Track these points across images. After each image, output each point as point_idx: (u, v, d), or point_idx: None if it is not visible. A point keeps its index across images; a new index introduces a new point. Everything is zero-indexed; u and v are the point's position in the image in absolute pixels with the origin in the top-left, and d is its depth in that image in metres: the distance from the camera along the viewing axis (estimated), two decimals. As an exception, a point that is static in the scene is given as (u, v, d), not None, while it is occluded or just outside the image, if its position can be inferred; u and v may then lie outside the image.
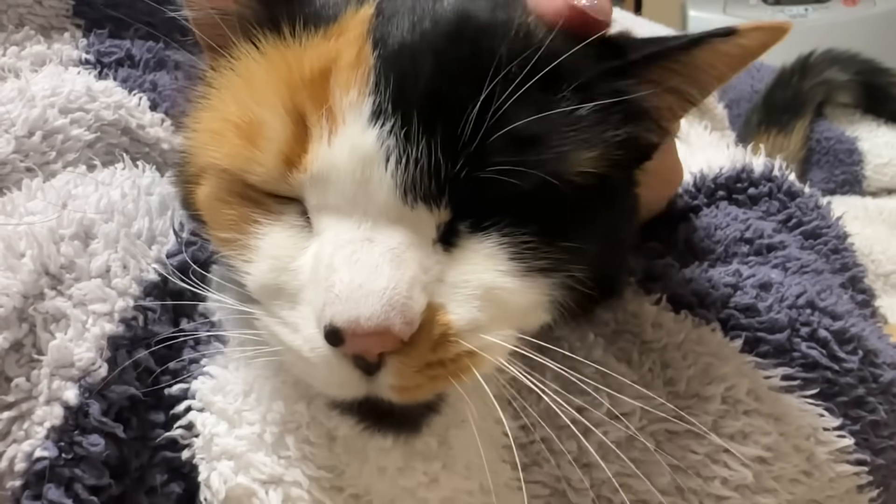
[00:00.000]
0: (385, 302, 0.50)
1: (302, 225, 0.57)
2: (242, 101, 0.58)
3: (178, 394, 0.61)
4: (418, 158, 0.53)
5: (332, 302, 0.51)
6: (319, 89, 0.55)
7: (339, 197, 0.54)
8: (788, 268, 0.73)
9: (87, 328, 0.60)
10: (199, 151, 0.61)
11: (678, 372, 0.64)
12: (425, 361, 0.53)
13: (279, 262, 0.56)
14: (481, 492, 0.60)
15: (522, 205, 0.55)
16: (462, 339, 0.54)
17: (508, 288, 0.56)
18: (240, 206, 0.59)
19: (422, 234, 0.54)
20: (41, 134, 0.72)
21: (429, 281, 0.53)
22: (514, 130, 0.53)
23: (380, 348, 0.52)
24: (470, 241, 0.56)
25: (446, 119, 0.53)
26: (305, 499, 0.58)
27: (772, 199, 0.82)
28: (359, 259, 0.52)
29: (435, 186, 0.53)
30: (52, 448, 0.57)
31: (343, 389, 0.56)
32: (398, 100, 0.54)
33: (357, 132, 0.54)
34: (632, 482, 0.61)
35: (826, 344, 0.66)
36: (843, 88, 1.61)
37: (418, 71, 0.54)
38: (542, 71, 0.55)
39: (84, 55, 0.87)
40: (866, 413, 0.65)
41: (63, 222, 0.63)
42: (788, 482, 0.62)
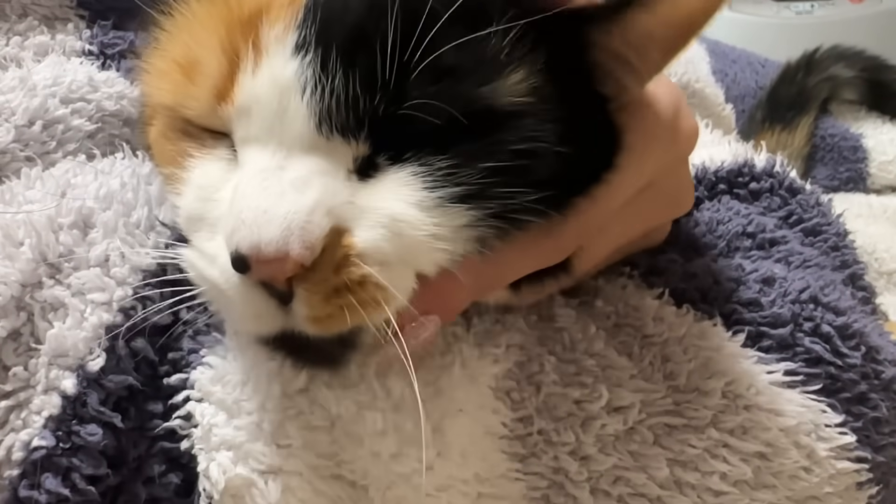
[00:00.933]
0: (286, 227, 0.50)
1: (230, 158, 0.58)
2: (185, 41, 0.59)
3: (176, 384, 0.61)
4: (333, 90, 0.53)
5: (238, 228, 0.51)
6: (252, 26, 0.56)
7: (259, 127, 0.55)
8: (791, 262, 0.73)
9: (86, 317, 0.60)
10: (150, 91, 0.63)
11: (679, 366, 0.64)
12: (331, 286, 0.53)
13: (204, 192, 0.57)
14: (476, 481, 0.60)
15: (442, 134, 0.55)
16: (364, 262, 0.53)
17: (417, 218, 0.55)
18: (179, 140, 0.60)
19: (336, 164, 0.54)
20: (41, 123, 0.72)
21: (336, 206, 0.53)
22: (434, 66, 0.53)
23: (281, 273, 0.52)
24: (387, 172, 0.56)
25: (366, 54, 0.53)
26: (305, 488, 0.58)
27: (773, 194, 0.82)
28: (267, 186, 0.52)
29: (353, 120, 0.53)
30: (50, 437, 0.57)
31: (260, 323, 0.56)
32: (322, 34, 0.54)
33: (279, 64, 0.54)
34: (630, 475, 0.61)
35: (829, 339, 0.66)
36: (848, 85, 1.60)
37: (345, 6, 0.55)
38: (468, 8, 0.54)
39: (87, 46, 0.87)
40: (868, 410, 0.65)
41: (62, 211, 0.63)
42: (788, 478, 0.62)
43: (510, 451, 0.60)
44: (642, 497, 0.61)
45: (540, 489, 0.61)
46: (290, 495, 0.58)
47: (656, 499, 0.61)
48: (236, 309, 0.56)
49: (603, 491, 0.61)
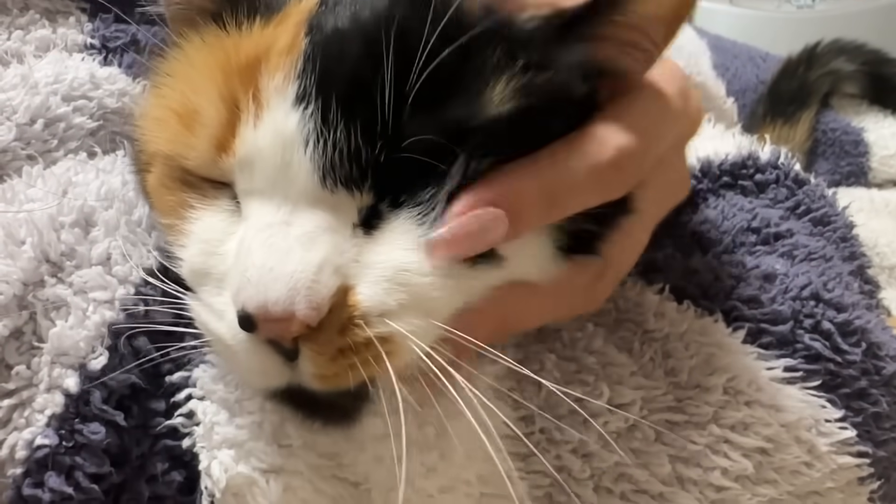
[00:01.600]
0: (292, 286, 0.50)
1: (233, 210, 0.57)
2: (182, 88, 0.59)
3: (178, 382, 0.61)
4: (336, 142, 0.53)
5: (244, 287, 0.51)
6: (250, 75, 0.56)
7: (263, 180, 0.54)
8: (795, 255, 0.72)
9: (88, 316, 0.60)
10: (147, 138, 0.62)
11: (680, 362, 0.64)
12: (336, 347, 0.53)
13: (208, 247, 0.57)
14: (479, 482, 0.60)
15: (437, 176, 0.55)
16: (368, 323, 0.53)
17: (417, 266, 0.55)
18: (179, 191, 0.59)
19: (341, 217, 0.54)
20: (43, 122, 0.72)
21: (343, 263, 0.53)
22: (426, 102, 0.53)
23: (288, 333, 0.52)
24: (389, 220, 0.55)
25: (365, 103, 0.53)
26: (306, 488, 0.58)
27: (779, 185, 0.82)
28: (273, 243, 0.52)
29: (357, 171, 0.53)
30: (53, 436, 0.57)
31: (266, 378, 0.56)
32: (322, 84, 0.54)
33: (280, 116, 0.54)
34: (632, 472, 0.61)
35: (829, 336, 0.66)
36: (849, 79, 1.60)
37: (344, 55, 0.55)
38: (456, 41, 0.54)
39: (89, 40, 0.87)
40: (868, 405, 0.65)
41: (63, 210, 0.63)
42: (789, 473, 0.62)
43: (512, 451, 0.60)
44: (645, 494, 0.61)
45: (542, 487, 0.61)
46: (291, 494, 0.58)
47: (658, 495, 0.61)
48: (243, 364, 0.56)
49: (605, 488, 0.61)
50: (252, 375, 0.57)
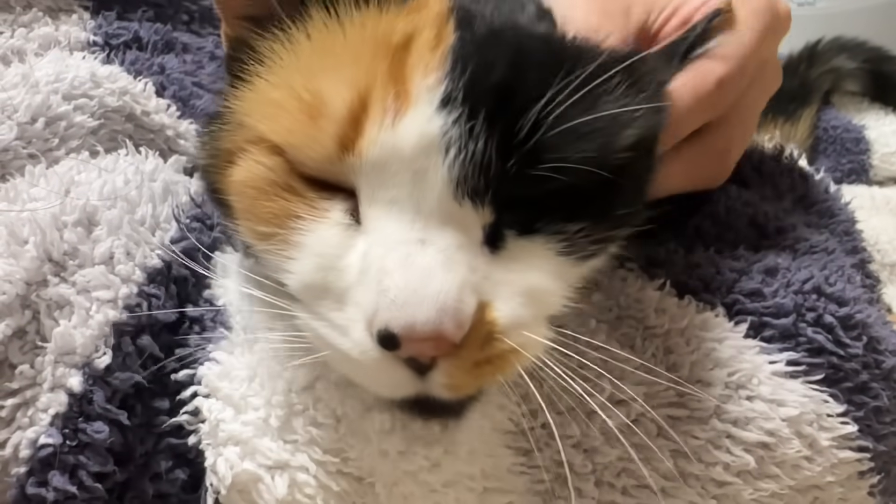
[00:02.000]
0: (440, 307, 0.50)
1: (348, 223, 0.55)
2: (311, 72, 0.56)
3: (184, 379, 0.62)
4: (474, 153, 0.52)
5: (387, 307, 0.50)
6: (395, 66, 0.54)
7: (396, 189, 0.53)
8: (798, 249, 0.72)
9: (91, 315, 0.60)
10: (249, 122, 0.59)
11: (681, 357, 0.64)
12: (475, 360, 0.53)
13: (325, 261, 0.55)
14: (483, 476, 0.60)
15: (563, 200, 0.55)
16: (506, 336, 0.53)
17: (552, 288, 0.56)
18: (280, 198, 0.57)
19: (470, 235, 0.54)
20: (44, 120, 0.72)
21: (478, 282, 0.53)
22: (568, 128, 0.52)
23: (434, 352, 0.52)
24: (518, 243, 0.55)
25: (508, 114, 0.52)
26: (311, 483, 0.58)
27: (783, 178, 0.82)
28: (412, 262, 0.51)
29: (483, 182, 0.53)
30: (57, 435, 0.57)
31: (395, 390, 0.55)
32: (469, 89, 0.53)
33: (425, 118, 0.53)
34: (634, 467, 0.61)
35: (831, 329, 0.66)
36: (850, 76, 1.60)
37: (494, 63, 0.54)
38: (600, 76, 0.54)
39: (92, 37, 0.88)
40: (870, 399, 0.65)
41: (66, 209, 0.63)
42: (790, 467, 0.62)
43: (515, 446, 0.61)
44: (646, 489, 0.61)
45: (545, 482, 0.61)
46: (296, 490, 0.58)
47: (660, 490, 0.61)
48: (371, 378, 0.56)
49: (607, 483, 0.61)
50: (380, 388, 0.56)
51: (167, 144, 0.81)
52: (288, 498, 0.58)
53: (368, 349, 0.53)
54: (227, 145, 0.61)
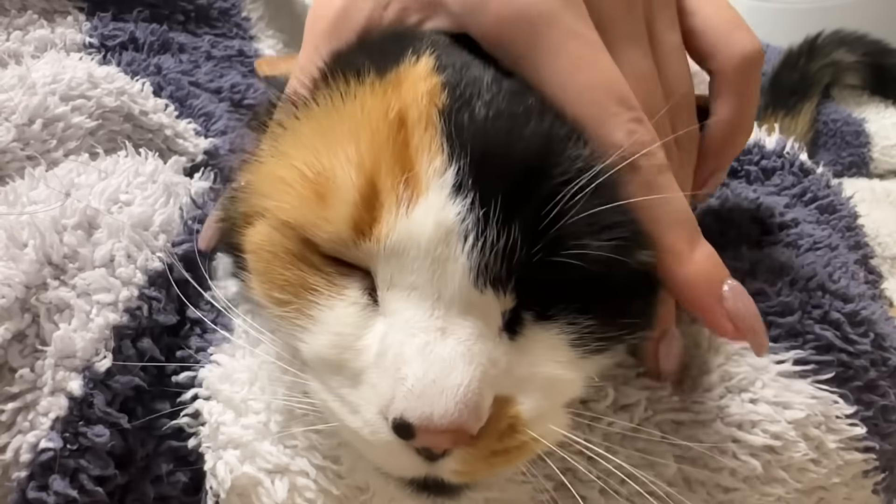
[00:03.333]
0: (459, 400, 0.49)
1: (365, 302, 0.54)
2: (314, 151, 0.55)
3: (184, 382, 0.62)
4: (495, 240, 0.51)
5: (405, 397, 0.50)
6: (397, 149, 0.53)
7: (415, 276, 0.52)
8: (801, 245, 0.72)
9: (92, 318, 0.60)
10: (258, 195, 0.58)
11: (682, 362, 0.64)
12: (491, 451, 0.52)
13: (342, 340, 0.54)
14: (483, 486, 0.59)
15: (582, 290, 0.54)
16: (528, 427, 0.53)
17: (571, 378, 0.56)
18: (297, 268, 0.56)
19: (490, 323, 0.52)
20: (42, 122, 0.72)
21: (498, 374, 0.52)
22: (593, 214, 0.51)
23: (450, 445, 0.51)
24: (534, 330, 0.54)
25: (529, 201, 0.51)
26: (311, 488, 0.58)
27: (785, 173, 0.82)
28: (432, 352, 0.50)
29: (505, 270, 0.52)
30: (58, 439, 0.57)
31: (403, 472, 0.55)
32: (481, 173, 0.51)
33: (440, 204, 0.51)
34: (638, 474, 0.61)
35: (839, 326, 0.66)
36: (850, 70, 1.60)
37: (503, 144, 0.53)
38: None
39: (88, 39, 0.87)
40: (878, 397, 0.65)
41: (66, 212, 0.63)
42: (797, 471, 0.62)
43: None
44: (651, 495, 0.61)
45: (547, 491, 0.61)
46: (296, 494, 0.58)
47: (665, 497, 0.61)
48: (379, 457, 0.55)
49: (611, 490, 0.60)
50: (387, 467, 0.56)
51: (166, 144, 0.81)
52: (288, 502, 0.58)
53: (380, 431, 0.52)
54: (244, 209, 0.60)
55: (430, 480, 0.54)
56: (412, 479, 0.55)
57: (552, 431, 0.55)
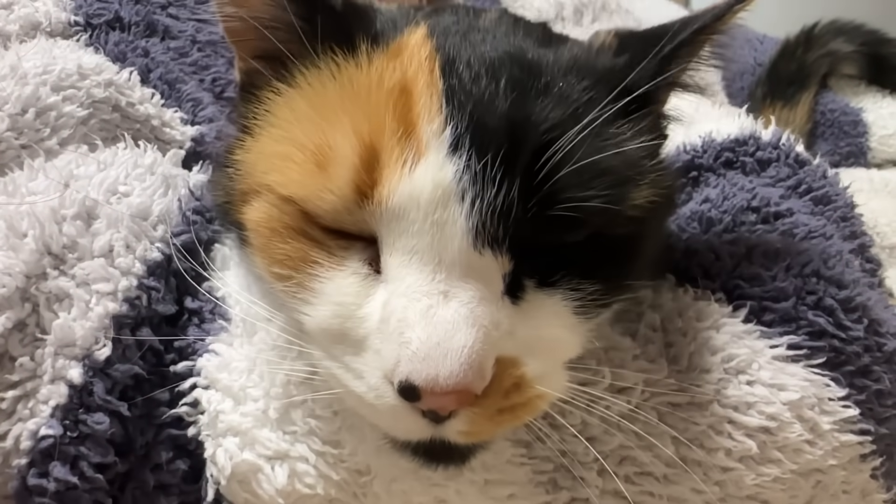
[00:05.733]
0: (463, 361, 0.50)
1: (366, 272, 0.55)
2: (312, 123, 0.56)
3: (183, 371, 0.62)
4: (492, 198, 0.52)
5: (409, 359, 0.50)
6: (399, 112, 0.54)
7: (416, 239, 0.53)
8: (796, 234, 0.72)
9: (91, 307, 0.60)
10: (256, 172, 0.59)
11: (679, 349, 0.64)
12: (497, 408, 0.53)
13: (344, 309, 0.55)
14: (483, 468, 0.60)
15: (581, 254, 0.55)
16: (530, 386, 0.54)
17: (573, 339, 0.57)
18: (297, 242, 0.57)
19: (491, 286, 0.53)
20: (34, 111, 0.72)
21: (500, 336, 0.53)
22: (583, 166, 0.52)
23: (456, 406, 0.52)
24: (538, 296, 0.55)
25: (522, 155, 0.52)
26: (311, 473, 0.59)
27: (781, 164, 0.81)
28: (435, 315, 0.51)
29: (502, 230, 0.52)
30: (58, 426, 0.57)
31: (409, 433, 0.55)
32: (475, 132, 0.52)
33: (438, 164, 0.52)
34: (635, 455, 0.61)
35: (832, 312, 0.66)
36: (847, 59, 1.59)
37: (493, 103, 0.53)
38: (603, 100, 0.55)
39: (73, 17, 0.87)
40: (871, 382, 0.65)
41: (65, 202, 0.63)
42: (792, 452, 0.62)
43: (514, 438, 0.61)
44: (649, 475, 0.61)
45: (546, 473, 0.61)
46: (296, 480, 0.59)
47: (663, 477, 0.62)
48: (385, 421, 0.56)
49: (610, 471, 0.61)
50: (394, 430, 0.56)
51: (153, 133, 0.81)
52: (288, 488, 0.58)
53: (385, 395, 0.53)
54: (241, 186, 0.61)
55: (436, 443, 0.55)
56: (418, 443, 0.56)
57: (556, 385, 0.56)
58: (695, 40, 0.60)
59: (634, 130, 0.57)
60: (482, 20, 0.63)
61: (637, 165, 0.56)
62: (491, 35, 0.59)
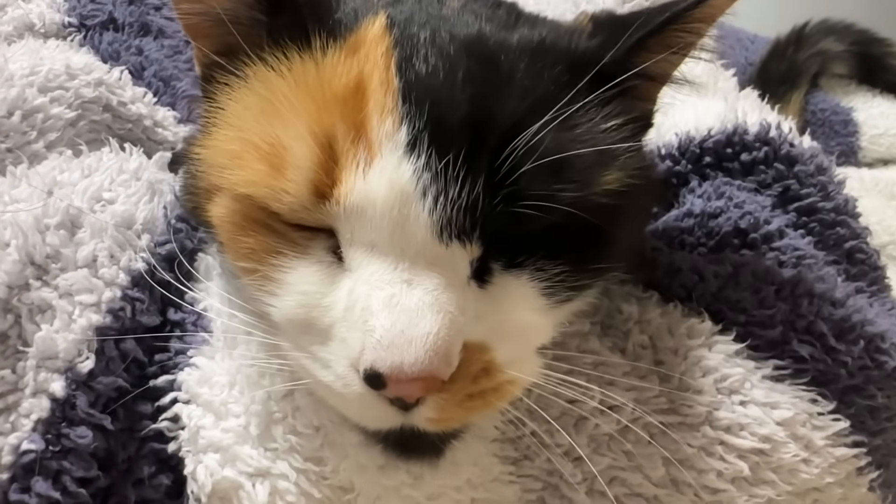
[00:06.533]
0: (428, 348, 0.50)
1: (330, 260, 0.55)
2: (264, 121, 0.55)
3: (163, 385, 0.61)
4: (456, 195, 0.51)
5: (374, 347, 0.50)
6: (350, 113, 0.53)
7: (376, 233, 0.52)
8: (783, 262, 0.70)
9: (74, 319, 0.59)
10: (213, 170, 0.58)
11: (670, 368, 0.64)
12: (466, 393, 0.53)
13: (309, 299, 0.55)
14: (469, 486, 0.59)
15: (550, 236, 0.54)
16: (499, 371, 0.54)
17: (542, 324, 0.57)
18: (261, 235, 0.56)
19: (457, 273, 0.53)
20: (21, 114, 0.71)
21: (466, 321, 0.52)
22: (548, 162, 0.52)
23: (423, 392, 0.52)
24: (504, 278, 0.55)
25: (484, 152, 0.52)
26: (293, 491, 0.58)
27: (768, 167, 0.78)
28: (398, 303, 0.51)
29: (469, 222, 0.52)
30: (40, 441, 0.57)
31: (378, 423, 0.55)
32: (434, 131, 0.52)
33: (393, 165, 0.52)
34: (625, 475, 0.61)
35: (821, 337, 0.65)
36: (838, 59, 1.60)
37: (455, 97, 0.53)
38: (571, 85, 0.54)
39: (67, 18, 0.87)
40: (862, 399, 0.65)
41: (49, 211, 0.62)
42: (787, 472, 0.62)
43: (502, 455, 0.60)
44: (639, 497, 0.61)
45: (535, 491, 0.61)
46: (277, 498, 0.58)
47: (653, 498, 0.61)
48: (353, 410, 0.55)
49: (599, 492, 0.60)
50: (362, 419, 0.56)
51: (145, 133, 0.81)
52: None
53: (352, 383, 0.52)
54: (203, 184, 0.60)
55: (406, 432, 0.55)
56: (389, 434, 0.56)
57: (527, 370, 0.55)
58: (665, 30, 0.59)
59: (604, 115, 0.56)
60: (445, 7, 0.61)
61: (607, 150, 0.56)
62: (452, 23, 0.58)
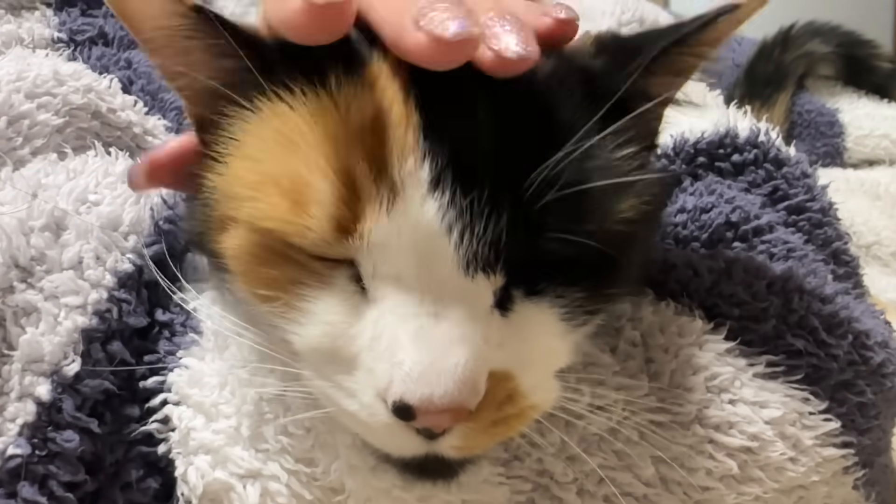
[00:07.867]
0: (457, 380, 0.50)
1: (353, 290, 0.54)
2: (283, 154, 0.54)
3: (153, 387, 0.61)
4: (482, 231, 0.51)
5: (403, 380, 0.50)
6: (370, 149, 0.52)
7: (401, 269, 0.52)
8: (774, 254, 0.71)
9: (60, 322, 0.59)
10: (229, 201, 0.57)
11: (661, 366, 0.64)
12: (491, 420, 0.53)
13: (334, 329, 0.54)
14: (459, 488, 0.59)
15: (568, 263, 0.54)
16: (527, 394, 0.54)
17: (562, 348, 0.57)
18: (281, 266, 0.55)
19: (482, 303, 0.53)
20: (6, 119, 0.70)
21: (491, 350, 0.52)
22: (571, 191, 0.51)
23: (451, 423, 0.52)
24: (525, 305, 0.55)
25: (508, 185, 0.51)
26: (284, 493, 0.58)
27: (758, 167, 0.79)
28: (426, 335, 0.51)
29: (493, 255, 0.52)
30: (25, 445, 0.56)
31: (403, 451, 0.55)
32: (457, 167, 0.51)
33: (417, 203, 0.51)
34: (615, 475, 0.60)
35: (813, 331, 0.65)
36: (824, 61, 1.61)
37: (473, 133, 0.52)
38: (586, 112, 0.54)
39: (56, 34, 0.86)
40: (853, 396, 0.65)
41: (33, 213, 0.62)
42: (774, 470, 0.62)
43: (492, 456, 0.60)
44: (629, 496, 0.61)
45: (525, 493, 0.60)
46: (268, 499, 0.58)
47: (643, 497, 0.61)
48: (379, 439, 0.55)
49: (589, 491, 0.60)
50: (388, 447, 0.56)
51: (135, 142, 0.80)
52: None
53: (378, 413, 0.52)
54: (218, 213, 0.58)
55: (429, 458, 0.55)
56: (412, 459, 0.55)
57: (549, 396, 0.56)
58: (671, 51, 0.58)
59: (618, 143, 0.56)
60: None
61: (622, 177, 0.55)
62: None
